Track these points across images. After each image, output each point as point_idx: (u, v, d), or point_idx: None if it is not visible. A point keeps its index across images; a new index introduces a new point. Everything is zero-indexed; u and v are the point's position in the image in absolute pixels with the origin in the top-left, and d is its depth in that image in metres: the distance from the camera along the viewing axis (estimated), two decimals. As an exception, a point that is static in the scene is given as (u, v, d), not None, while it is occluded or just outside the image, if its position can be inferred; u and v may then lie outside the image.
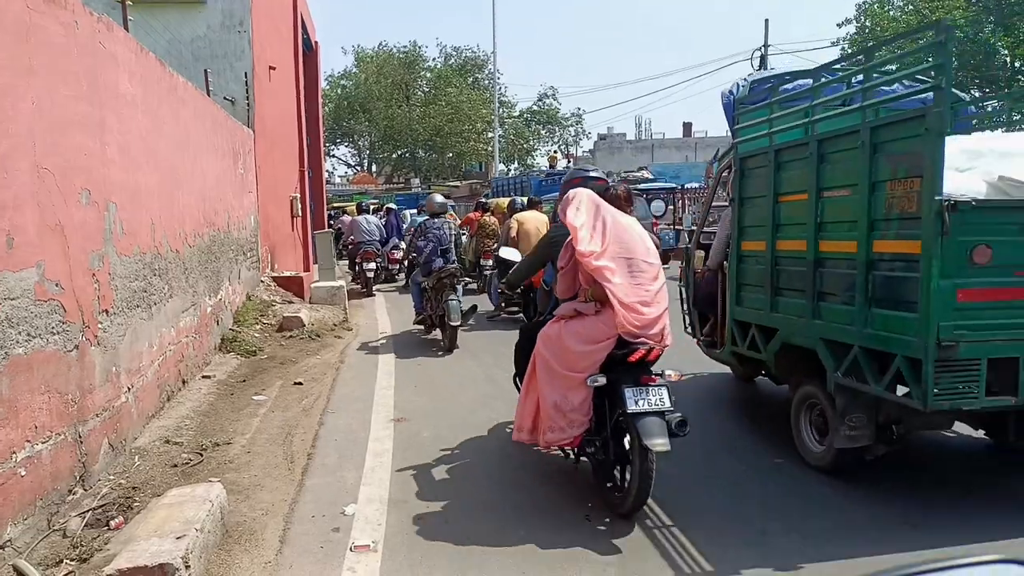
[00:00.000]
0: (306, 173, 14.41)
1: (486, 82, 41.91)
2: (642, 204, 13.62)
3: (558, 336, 3.95)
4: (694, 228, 6.77)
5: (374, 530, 3.67)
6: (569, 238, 3.94)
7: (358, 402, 6.10)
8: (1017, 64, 27.71)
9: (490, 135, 37.90)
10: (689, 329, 6.23)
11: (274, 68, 11.83)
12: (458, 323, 7.94)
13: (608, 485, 3.91)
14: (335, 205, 27.08)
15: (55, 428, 3.67)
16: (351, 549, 3.47)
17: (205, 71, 9.44)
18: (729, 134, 5.46)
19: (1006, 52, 27.12)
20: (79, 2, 4.24)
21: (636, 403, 3.61)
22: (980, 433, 4.51)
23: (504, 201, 13.74)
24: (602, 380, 3.76)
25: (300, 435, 5.20)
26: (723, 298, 5.48)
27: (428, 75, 42.69)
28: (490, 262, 10.79)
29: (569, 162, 35.64)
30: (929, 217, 3.40)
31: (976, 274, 3.51)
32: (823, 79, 4.52)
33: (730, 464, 4.59)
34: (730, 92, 5.60)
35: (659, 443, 3.49)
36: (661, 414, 3.61)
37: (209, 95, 8.70)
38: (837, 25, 32.80)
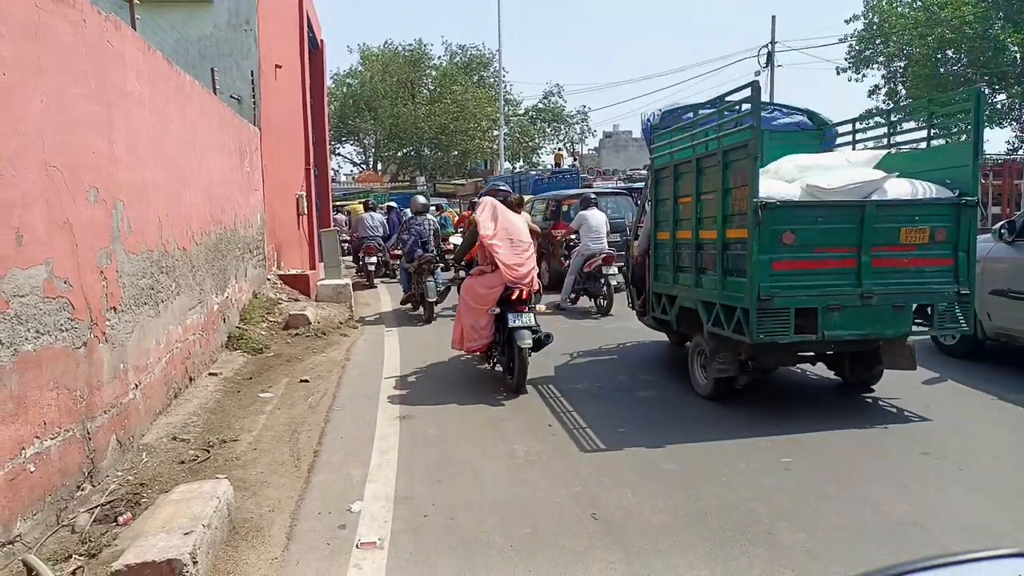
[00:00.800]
0: (312, 171, 14.44)
1: (491, 80, 41.84)
2: (628, 204, 13.51)
3: (471, 285, 6.52)
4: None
5: (380, 527, 3.68)
6: None
7: (364, 399, 6.12)
8: (1026, 61, 27.55)
9: (495, 133, 37.87)
10: (629, 302, 8.02)
11: (280, 66, 11.86)
12: (433, 299, 9.98)
13: (508, 378, 6.28)
14: (336, 203, 27.15)
15: (64, 424, 3.69)
16: (357, 546, 3.48)
17: (212, 69, 9.49)
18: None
19: (1016, 48, 26.95)
20: (87, 1, 4.27)
21: (514, 321, 6.12)
22: (831, 374, 6.20)
23: None
24: (497, 310, 6.26)
25: (306, 432, 5.21)
26: (648, 276, 7.00)
27: (433, 73, 42.63)
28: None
29: (575, 160, 35.59)
30: (751, 213, 4.88)
31: (785, 251, 4.99)
32: (701, 113, 6.10)
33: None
34: (648, 120, 7.13)
35: (526, 343, 6.01)
36: (530, 328, 6.13)
37: (216, 93, 8.73)
38: (845, 21, 32.63)
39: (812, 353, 5.81)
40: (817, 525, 3.60)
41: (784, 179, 5.52)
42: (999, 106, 30.42)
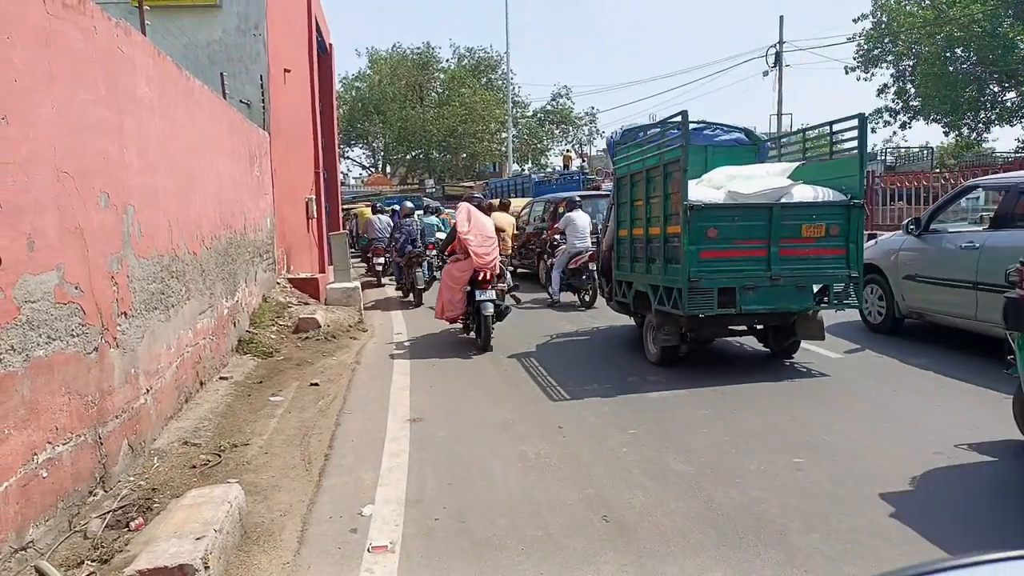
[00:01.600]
0: (321, 175, 14.48)
1: (499, 82, 41.90)
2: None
3: (450, 269, 8.37)
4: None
5: (392, 531, 3.68)
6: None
7: (374, 403, 6.12)
8: (1037, 58, 27.32)
9: (504, 135, 37.89)
10: (600, 291, 9.50)
11: (289, 71, 11.89)
12: (422, 287, 12.25)
13: (477, 339, 8.22)
14: (344, 207, 27.34)
15: (75, 430, 3.70)
16: (369, 550, 3.48)
17: (221, 74, 9.50)
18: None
19: (1025, 46, 26.75)
20: (98, 8, 4.28)
21: (480, 296, 7.97)
22: (760, 346, 7.53)
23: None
24: (468, 287, 8.12)
25: (317, 436, 5.22)
26: (612, 267, 8.28)
27: (441, 76, 42.73)
28: None
29: (583, 161, 35.57)
30: (682, 213, 6.14)
31: (710, 243, 6.23)
32: (649, 133, 7.63)
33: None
34: (611, 136, 8.78)
35: (489, 311, 7.91)
36: (492, 301, 8.00)
37: (225, 98, 8.76)
38: (853, 20, 32.44)
39: (741, 327, 7.08)
40: (830, 526, 3.57)
41: (713, 186, 6.73)
42: (1008, 104, 30.21)
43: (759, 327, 7.10)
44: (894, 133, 34.12)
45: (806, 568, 3.18)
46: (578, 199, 12.15)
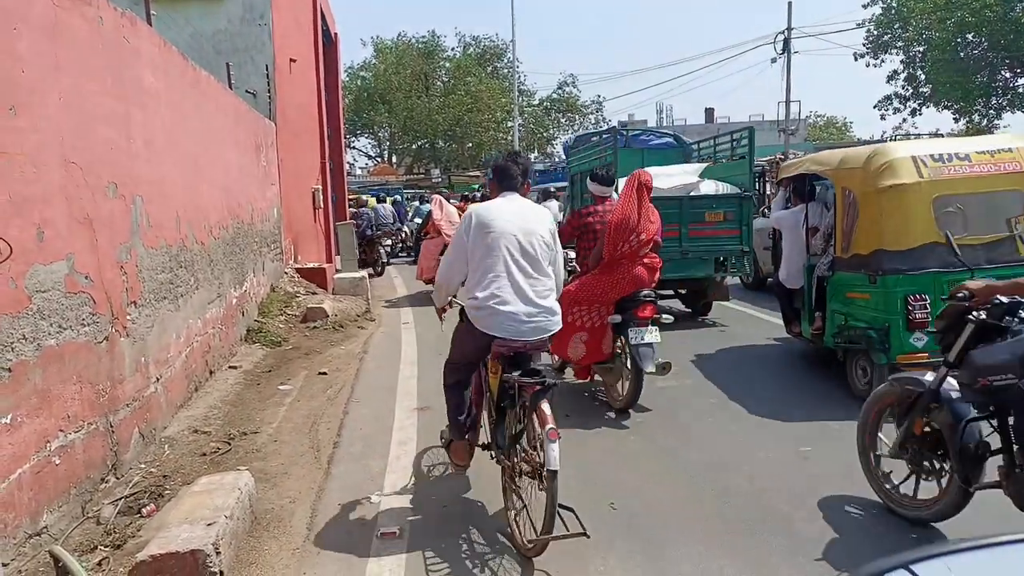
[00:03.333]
0: (327, 165, 14.46)
1: (505, 71, 41.69)
2: None
3: (427, 244, 11.13)
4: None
5: (400, 517, 3.71)
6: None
7: (382, 391, 6.15)
8: (1049, 43, 26.99)
9: (510, 124, 37.75)
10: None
11: (295, 60, 11.87)
12: (385, 261, 15.57)
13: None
14: (350, 197, 27.59)
15: (87, 418, 3.74)
16: (378, 536, 3.51)
17: (227, 64, 9.50)
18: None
19: (1037, 31, 26.41)
20: (103, -3, 4.29)
21: None
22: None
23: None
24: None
25: (326, 424, 5.25)
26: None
27: (447, 65, 42.51)
28: None
29: (589, 150, 35.36)
30: None
31: None
32: (592, 140, 10.30)
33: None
34: (566, 142, 11.34)
35: None
36: None
37: (231, 88, 8.76)
38: (863, 6, 32.01)
39: (668, 292, 8.82)
40: (834, 514, 3.58)
41: None
42: (1020, 90, 29.90)
43: (682, 292, 9.15)
44: (904, 120, 33.76)
45: (813, 555, 3.20)
46: (552, 189, 14.27)
